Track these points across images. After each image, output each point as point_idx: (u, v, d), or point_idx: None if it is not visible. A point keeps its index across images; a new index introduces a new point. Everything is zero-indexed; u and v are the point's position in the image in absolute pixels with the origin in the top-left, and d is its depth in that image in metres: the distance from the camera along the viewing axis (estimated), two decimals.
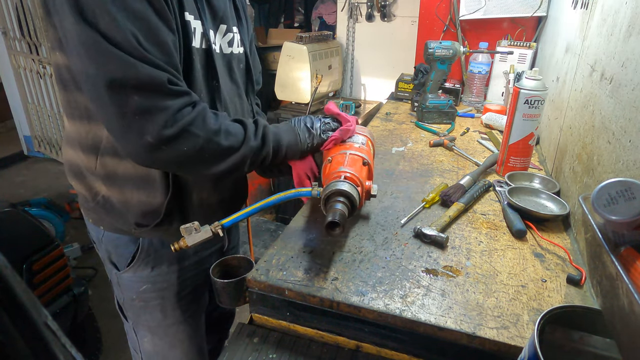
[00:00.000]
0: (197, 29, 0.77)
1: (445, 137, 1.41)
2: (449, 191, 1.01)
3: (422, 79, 1.79)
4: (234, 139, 0.77)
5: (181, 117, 0.69)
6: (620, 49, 0.80)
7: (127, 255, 0.89)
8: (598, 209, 0.52)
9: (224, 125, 0.76)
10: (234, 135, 0.77)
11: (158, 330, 0.97)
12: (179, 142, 0.70)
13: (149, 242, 0.88)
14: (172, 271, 0.92)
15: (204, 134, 0.72)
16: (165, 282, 0.92)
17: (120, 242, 0.88)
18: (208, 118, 0.73)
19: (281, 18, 4.42)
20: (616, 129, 0.76)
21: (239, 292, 0.76)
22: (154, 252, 0.89)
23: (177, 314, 0.96)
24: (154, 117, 0.66)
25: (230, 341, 0.73)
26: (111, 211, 0.84)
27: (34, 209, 2.46)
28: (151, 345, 0.99)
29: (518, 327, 0.64)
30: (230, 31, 0.88)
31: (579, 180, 0.93)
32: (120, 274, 0.91)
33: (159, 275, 0.91)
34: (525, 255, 0.82)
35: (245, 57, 0.96)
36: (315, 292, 0.70)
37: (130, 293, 0.93)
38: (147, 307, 0.94)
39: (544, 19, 1.81)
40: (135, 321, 0.97)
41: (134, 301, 0.93)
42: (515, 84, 1.14)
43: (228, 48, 0.88)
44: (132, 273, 0.90)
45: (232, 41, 0.89)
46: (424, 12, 2.07)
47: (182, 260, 0.93)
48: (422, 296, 0.70)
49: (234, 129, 0.78)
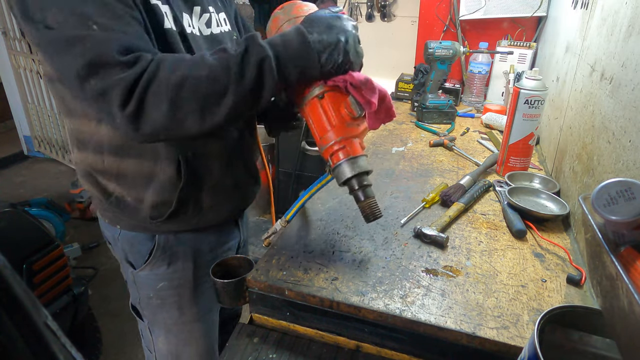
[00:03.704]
0: (167, 13, 0.74)
1: (445, 137, 1.41)
2: (449, 191, 1.01)
3: (422, 79, 1.79)
4: (212, 80, 0.64)
5: (136, 87, 0.61)
6: (620, 49, 0.80)
7: (144, 253, 0.89)
8: (598, 209, 0.52)
9: (191, 70, 0.63)
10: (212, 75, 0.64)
11: (174, 328, 0.97)
12: (147, 113, 0.62)
13: (164, 238, 0.89)
14: (188, 268, 0.93)
15: (168, 93, 0.62)
16: (182, 279, 0.93)
17: (137, 240, 0.89)
18: (164, 71, 0.62)
19: None
20: (616, 129, 0.76)
21: (239, 292, 0.76)
22: (169, 248, 0.90)
23: (194, 312, 0.97)
24: (111, 97, 0.61)
25: (230, 341, 0.73)
26: (125, 209, 0.84)
27: (34, 209, 2.45)
28: (165, 344, 0.99)
29: (518, 327, 0.64)
30: (207, 11, 0.86)
31: (579, 180, 0.93)
32: (136, 272, 0.91)
33: (175, 272, 0.92)
34: (525, 255, 0.82)
35: (233, 36, 0.93)
36: (315, 292, 0.70)
37: (148, 291, 0.93)
38: (164, 305, 0.94)
39: (544, 19, 1.81)
40: (152, 320, 0.98)
41: (151, 299, 0.94)
42: (515, 84, 1.14)
43: (207, 29, 0.85)
44: (149, 270, 0.90)
45: (209, 22, 0.86)
46: (424, 12, 2.07)
47: (198, 258, 0.93)
48: (422, 296, 0.70)
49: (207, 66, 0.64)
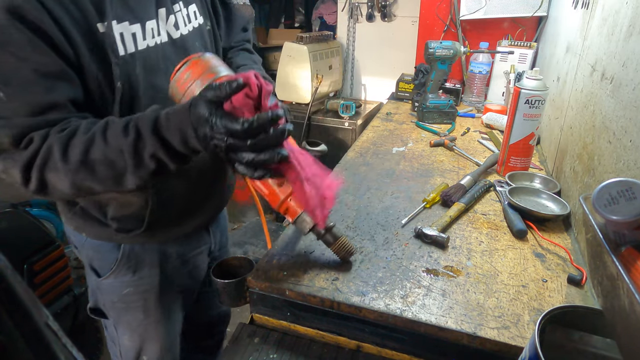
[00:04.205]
0: (124, 33, 0.70)
1: (446, 137, 1.41)
2: (450, 191, 1.01)
3: (422, 79, 1.79)
4: (109, 164, 0.63)
5: (31, 168, 0.62)
6: (621, 49, 0.79)
7: (109, 261, 0.87)
8: (599, 209, 0.52)
9: (85, 154, 0.62)
10: (107, 160, 0.63)
11: (138, 328, 0.96)
12: (51, 188, 0.64)
13: (130, 248, 0.87)
14: (155, 274, 0.91)
15: (67, 175, 0.63)
16: (148, 285, 0.91)
17: (103, 248, 0.87)
18: (57, 154, 0.62)
19: (282, 18, 4.42)
20: (617, 128, 0.76)
21: (240, 292, 0.76)
22: (135, 257, 0.88)
23: (159, 313, 0.95)
24: (13, 175, 0.64)
25: (231, 341, 0.73)
26: (90, 220, 0.83)
27: (34, 209, 2.45)
28: (130, 342, 0.98)
29: (519, 327, 0.64)
30: (171, 12, 0.80)
31: (579, 180, 0.93)
32: (101, 280, 0.89)
33: (141, 279, 0.90)
34: (526, 255, 0.82)
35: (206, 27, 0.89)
36: (315, 292, 0.70)
37: (112, 296, 0.91)
38: (129, 309, 0.93)
39: (544, 19, 1.81)
40: (117, 320, 0.96)
41: (115, 303, 0.92)
42: (516, 84, 1.14)
43: (176, 31, 0.81)
44: (114, 278, 0.89)
45: (177, 23, 0.81)
46: (425, 12, 2.07)
47: (165, 264, 0.92)
48: (422, 296, 0.70)
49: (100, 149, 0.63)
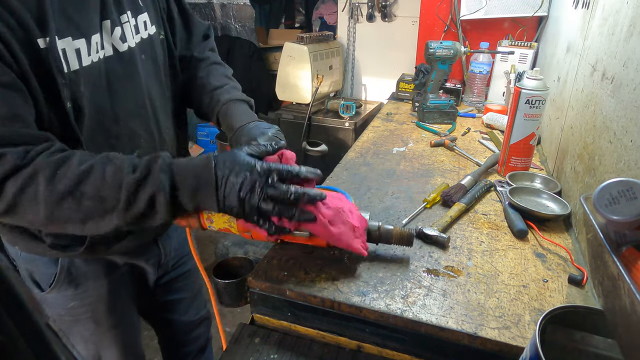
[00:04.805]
0: (67, 49, 0.65)
1: (446, 137, 1.41)
2: (450, 191, 1.01)
3: (423, 79, 1.79)
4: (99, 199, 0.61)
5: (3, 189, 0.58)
6: (622, 49, 0.79)
7: (49, 275, 0.82)
8: (599, 209, 0.52)
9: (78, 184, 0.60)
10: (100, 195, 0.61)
11: (91, 338, 0.92)
12: (21, 214, 0.61)
13: (69, 261, 0.82)
14: (101, 285, 0.87)
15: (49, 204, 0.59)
16: (95, 296, 0.87)
17: (39, 262, 0.82)
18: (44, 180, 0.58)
19: (282, 18, 4.43)
20: (617, 128, 0.76)
21: (240, 292, 0.76)
22: (76, 270, 0.83)
23: (111, 321, 0.91)
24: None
25: (231, 341, 0.73)
26: (21, 234, 0.77)
27: None
28: (86, 351, 0.94)
29: (519, 327, 0.64)
30: (117, 24, 0.75)
31: (580, 180, 0.93)
32: (43, 294, 0.83)
33: (86, 291, 0.85)
34: (527, 255, 0.82)
35: (159, 37, 0.84)
36: (316, 292, 0.70)
37: (58, 310, 0.86)
38: (79, 321, 0.89)
39: (545, 19, 1.81)
40: (68, 332, 0.91)
41: (63, 317, 0.87)
42: (516, 83, 1.14)
43: (123, 44, 0.76)
44: (56, 293, 0.83)
45: (124, 35, 0.76)
46: (425, 12, 2.07)
47: (111, 274, 0.88)
48: (423, 296, 0.70)
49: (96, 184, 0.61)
